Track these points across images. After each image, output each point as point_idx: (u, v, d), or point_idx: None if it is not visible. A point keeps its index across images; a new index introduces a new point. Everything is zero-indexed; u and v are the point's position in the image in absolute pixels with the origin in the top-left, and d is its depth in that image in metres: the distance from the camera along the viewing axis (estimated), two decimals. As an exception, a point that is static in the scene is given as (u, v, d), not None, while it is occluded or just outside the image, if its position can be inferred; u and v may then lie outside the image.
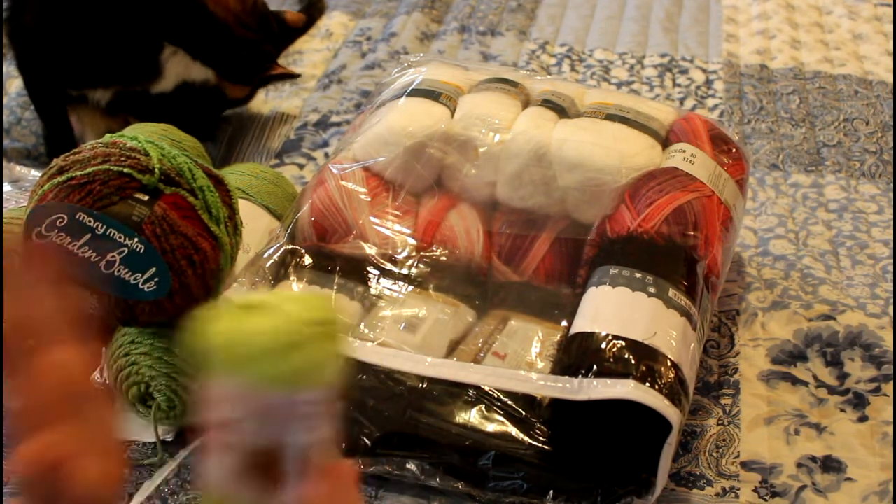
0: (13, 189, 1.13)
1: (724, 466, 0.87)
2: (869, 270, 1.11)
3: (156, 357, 0.83)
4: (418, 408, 0.82)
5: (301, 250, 0.90)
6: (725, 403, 0.93)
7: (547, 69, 1.56)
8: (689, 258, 0.87)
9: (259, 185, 1.02)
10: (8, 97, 1.44)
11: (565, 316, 0.86)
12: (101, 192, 0.78)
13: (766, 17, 1.72)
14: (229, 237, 0.83)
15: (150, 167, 0.81)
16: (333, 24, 1.69)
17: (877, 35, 1.67)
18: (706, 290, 0.88)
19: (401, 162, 0.95)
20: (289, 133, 1.38)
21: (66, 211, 0.77)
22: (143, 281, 0.78)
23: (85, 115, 1.30)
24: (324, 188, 0.94)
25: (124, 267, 0.78)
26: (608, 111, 0.97)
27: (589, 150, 0.92)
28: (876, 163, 1.31)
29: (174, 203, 0.80)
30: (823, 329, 1.00)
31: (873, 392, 0.94)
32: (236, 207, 0.85)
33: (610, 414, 0.79)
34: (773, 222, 1.19)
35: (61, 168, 0.80)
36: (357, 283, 0.88)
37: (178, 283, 0.79)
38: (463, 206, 0.96)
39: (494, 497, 0.82)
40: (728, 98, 1.47)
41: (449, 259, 0.92)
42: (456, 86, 1.01)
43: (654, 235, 0.87)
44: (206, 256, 0.80)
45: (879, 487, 0.85)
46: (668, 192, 0.90)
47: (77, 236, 0.78)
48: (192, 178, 0.82)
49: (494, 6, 1.76)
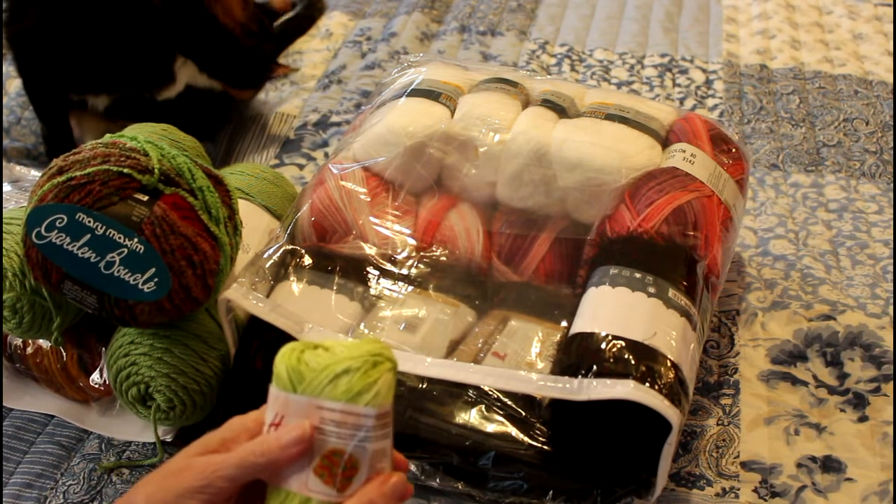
0: (13, 189, 1.13)
1: (724, 466, 0.87)
2: (869, 270, 1.11)
3: (156, 357, 0.83)
4: (418, 408, 0.82)
5: (301, 250, 0.90)
6: (725, 403, 0.93)
7: (547, 69, 1.56)
8: (688, 258, 0.87)
9: (259, 185, 1.02)
10: (8, 97, 1.44)
11: (565, 316, 0.86)
12: (101, 193, 0.78)
13: (766, 17, 1.72)
14: (229, 237, 0.83)
15: (150, 167, 0.81)
16: (333, 24, 1.69)
17: (877, 35, 1.67)
18: (706, 290, 0.88)
19: (401, 162, 0.95)
20: (289, 133, 1.38)
21: (66, 211, 0.77)
22: (142, 281, 0.78)
23: (84, 119, 1.30)
24: (324, 188, 0.94)
25: (124, 267, 0.78)
26: (608, 111, 0.97)
27: (589, 150, 0.92)
28: (876, 163, 1.31)
29: (174, 203, 0.80)
30: (823, 329, 1.00)
31: (873, 392, 0.94)
32: (236, 207, 0.85)
33: (610, 414, 0.79)
34: (773, 222, 1.19)
35: (61, 168, 0.80)
36: (357, 283, 0.88)
37: (178, 284, 0.79)
38: (463, 206, 0.96)
39: (494, 497, 0.82)
40: (728, 98, 1.47)
41: (449, 259, 0.92)
42: (456, 86, 1.01)
43: (653, 235, 0.87)
44: (206, 257, 0.80)
45: (879, 487, 0.85)
46: (668, 192, 0.90)
47: (77, 236, 0.78)
48: (192, 178, 0.82)
49: (494, 6, 1.76)
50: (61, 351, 0.91)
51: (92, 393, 0.92)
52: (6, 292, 0.84)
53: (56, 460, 0.89)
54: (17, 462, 0.89)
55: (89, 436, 0.92)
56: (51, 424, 0.93)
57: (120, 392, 0.85)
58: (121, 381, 0.85)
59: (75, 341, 0.90)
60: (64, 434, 0.92)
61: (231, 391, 0.86)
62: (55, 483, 0.87)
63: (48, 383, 0.93)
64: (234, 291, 0.83)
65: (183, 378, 0.83)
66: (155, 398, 0.84)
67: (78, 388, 0.92)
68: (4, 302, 0.84)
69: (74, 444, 0.91)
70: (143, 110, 1.24)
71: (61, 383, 0.92)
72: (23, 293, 0.84)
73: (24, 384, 0.95)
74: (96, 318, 0.83)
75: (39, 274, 0.80)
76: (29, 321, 0.85)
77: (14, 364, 0.95)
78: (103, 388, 0.91)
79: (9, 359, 0.95)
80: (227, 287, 0.84)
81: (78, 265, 0.78)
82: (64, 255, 0.78)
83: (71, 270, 0.79)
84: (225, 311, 0.84)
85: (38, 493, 0.86)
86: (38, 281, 0.81)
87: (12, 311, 0.84)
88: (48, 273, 0.79)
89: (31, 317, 0.85)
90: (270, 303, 0.84)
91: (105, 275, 0.78)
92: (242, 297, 0.83)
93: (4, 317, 0.85)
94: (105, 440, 0.91)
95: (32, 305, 0.84)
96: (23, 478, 0.87)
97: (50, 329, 0.86)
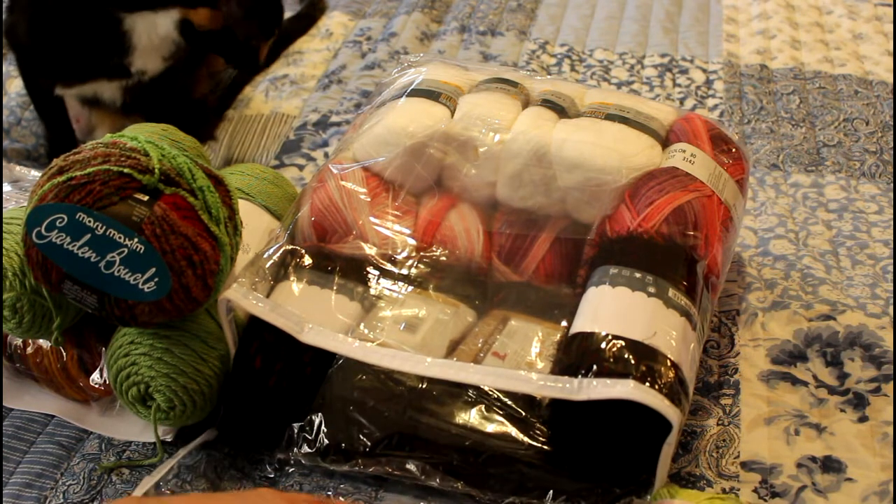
0: (13, 189, 1.13)
1: (724, 467, 0.87)
2: (869, 270, 1.11)
3: (156, 357, 0.83)
4: (418, 408, 0.82)
5: (301, 250, 0.90)
6: (725, 403, 0.93)
7: (547, 69, 1.56)
8: (688, 258, 0.87)
9: (259, 185, 1.02)
10: (8, 97, 1.44)
11: (565, 316, 0.86)
12: (101, 193, 0.78)
13: (766, 17, 1.72)
14: (229, 237, 0.83)
15: (150, 167, 0.81)
16: (333, 24, 1.69)
17: (877, 35, 1.67)
18: (706, 289, 0.88)
19: (401, 162, 0.95)
20: (288, 133, 1.38)
21: (66, 211, 0.77)
22: (142, 281, 0.78)
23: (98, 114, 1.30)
24: (324, 188, 0.94)
25: (124, 267, 0.78)
26: (608, 111, 0.97)
27: (589, 150, 0.92)
28: (876, 163, 1.31)
29: (174, 203, 0.80)
30: (823, 329, 1.00)
31: (873, 392, 0.94)
32: (236, 208, 0.85)
33: (610, 414, 0.79)
34: (773, 222, 1.19)
35: (61, 168, 0.80)
36: (357, 283, 0.88)
37: (178, 284, 0.79)
38: (463, 206, 0.96)
39: (494, 497, 0.82)
40: (728, 98, 1.47)
41: (449, 259, 0.92)
42: (456, 86, 1.01)
43: (653, 235, 0.87)
44: (206, 257, 0.80)
45: (879, 488, 0.85)
46: (668, 191, 0.90)
47: (77, 236, 0.78)
48: (192, 178, 0.82)
49: (494, 6, 1.76)
50: (61, 351, 0.91)
51: (92, 393, 0.92)
52: (6, 292, 0.84)
53: (56, 460, 0.89)
54: (17, 462, 0.89)
55: (89, 436, 0.92)
56: (51, 424, 0.93)
57: (120, 392, 0.85)
58: (121, 380, 0.85)
59: (75, 341, 0.90)
60: (64, 434, 0.92)
61: (231, 391, 0.86)
62: (55, 483, 0.87)
63: (48, 383, 0.93)
64: (234, 291, 0.83)
65: (183, 378, 0.83)
66: (155, 398, 0.84)
67: (78, 388, 0.92)
68: (4, 302, 0.84)
69: (74, 444, 0.91)
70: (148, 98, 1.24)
71: (61, 383, 0.92)
72: (23, 293, 0.84)
73: (24, 384, 0.95)
74: (96, 318, 0.83)
75: (39, 274, 0.80)
76: (29, 321, 0.85)
77: (14, 364, 0.95)
78: (103, 388, 0.91)
79: (9, 359, 0.95)
80: (227, 287, 0.84)
81: (78, 265, 0.78)
82: (64, 255, 0.78)
83: (71, 270, 0.78)
84: (225, 311, 0.84)
85: (38, 493, 0.86)
86: (39, 281, 0.81)
87: (12, 310, 0.84)
88: (48, 273, 0.79)
89: (32, 316, 0.85)
90: (270, 303, 0.84)
91: (105, 275, 0.78)
92: (242, 297, 0.83)
93: (4, 316, 0.85)
94: (105, 440, 0.91)
95: (32, 305, 0.84)
96: (23, 478, 0.87)
97: (50, 329, 0.86)
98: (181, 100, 1.31)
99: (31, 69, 1.25)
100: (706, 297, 0.88)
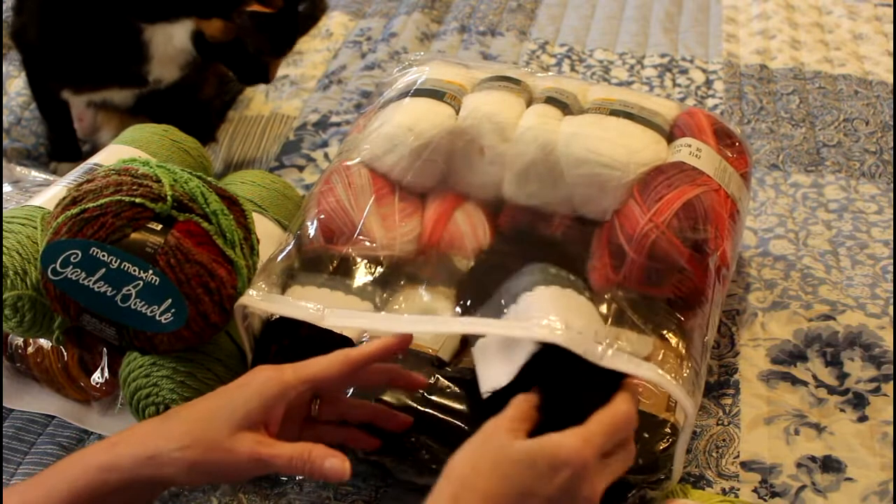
0: (13, 189, 1.13)
1: (723, 466, 0.87)
2: (869, 270, 1.11)
3: (178, 381, 0.82)
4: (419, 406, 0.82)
5: (309, 252, 0.90)
6: (725, 403, 0.93)
7: (547, 69, 1.56)
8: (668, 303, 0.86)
9: (270, 196, 1.02)
10: (8, 97, 1.44)
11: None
12: (114, 225, 0.77)
13: (766, 17, 1.72)
14: (245, 259, 0.82)
15: (163, 194, 0.80)
16: (333, 24, 1.69)
17: (877, 35, 1.67)
18: (717, 282, 0.88)
19: (407, 162, 0.95)
20: (288, 134, 1.38)
21: (80, 247, 0.77)
22: (159, 312, 0.78)
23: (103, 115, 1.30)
24: (331, 190, 0.94)
25: (140, 300, 0.78)
26: (612, 107, 0.96)
27: (596, 145, 0.92)
28: (876, 163, 1.31)
29: (188, 231, 0.79)
30: (823, 329, 1.00)
31: (873, 392, 0.94)
32: (252, 227, 0.84)
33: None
34: (773, 222, 1.19)
35: (74, 199, 0.79)
36: (367, 283, 0.88)
37: (195, 312, 0.78)
38: (469, 204, 0.96)
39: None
40: (728, 98, 1.47)
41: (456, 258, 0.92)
42: (459, 84, 1.01)
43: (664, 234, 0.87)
44: (223, 282, 0.79)
45: (879, 487, 0.85)
46: (678, 186, 0.89)
47: (92, 271, 0.77)
48: (206, 202, 0.81)
49: (494, 6, 1.76)
50: (62, 351, 0.91)
51: (93, 393, 0.92)
52: (7, 291, 0.84)
53: (57, 461, 0.89)
54: (17, 463, 0.89)
55: (90, 436, 0.92)
56: (51, 425, 0.93)
57: (136, 410, 0.84)
58: (139, 398, 0.84)
59: (76, 341, 0.90)
60: (64, 435, 0.92)
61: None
62: (56, 483, 0.87)
63: (49, 383, 0.93)
64: (248, 298, 0.82)
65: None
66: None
67: (79, 388, 0.92)
68: (5, 301, 0.84)
69: (75, 445, 0.91)
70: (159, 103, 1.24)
71: (62, 383, 0.92)
72: (24, 292, 0.84)
73: (24, 384, 0.95)
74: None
75: (59, 307, 0.80)
76: (30, 320, 0.85)
77: (14, 364, 0.95)
78: (104, 388, 0.91)
79: (9, 358, 0.95)
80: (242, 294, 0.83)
81: (95, 299, 0.78)
82: (80, 290, 0.78)
83: (88, 304, 0.78)
84: (241, 319, 0.83)
85: (39, 493, 0.86)
86: (58, 313, 0.81)
87: (13, 309, 0.84)
88: (67, 306, 0.79)
89: (33, 316, 0.85)
90: (286, 299, 0.83)
91: (122, 307, 0.78)
92: (258, 302, 0.82)
93: (5, 316, 0.85)
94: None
95: (34, 304, 0.84)
96: (23, 478, 0.87)
97: (51, 328, 0.86)
98: (188, 102, 1.30)
99: (41, 72, 1.25)
100: (717, 289, 0.88)
